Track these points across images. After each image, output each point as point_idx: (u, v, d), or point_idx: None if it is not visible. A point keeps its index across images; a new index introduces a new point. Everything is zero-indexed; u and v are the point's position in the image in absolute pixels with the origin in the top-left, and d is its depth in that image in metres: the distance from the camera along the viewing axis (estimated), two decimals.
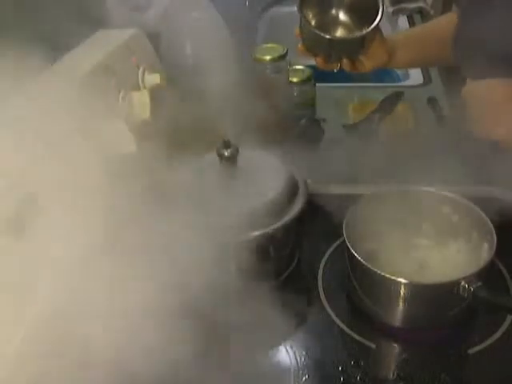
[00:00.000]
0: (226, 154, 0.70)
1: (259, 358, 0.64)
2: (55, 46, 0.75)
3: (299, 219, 0.71)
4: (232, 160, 0.71)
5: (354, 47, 0.82)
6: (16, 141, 0.54)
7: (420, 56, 0.96)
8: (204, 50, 0.89)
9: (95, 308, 0.54)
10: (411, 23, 1.57)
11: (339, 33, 0.82)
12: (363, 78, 1.30)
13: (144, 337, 0.54)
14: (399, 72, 1.42)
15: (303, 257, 0.78)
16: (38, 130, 0.57)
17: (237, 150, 0.71)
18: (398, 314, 0.65)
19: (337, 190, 0.90)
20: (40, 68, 0.68)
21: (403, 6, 1.62)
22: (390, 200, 0.72)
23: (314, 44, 0.81)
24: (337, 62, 0.85)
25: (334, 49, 0.81)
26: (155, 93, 0.78)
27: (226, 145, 0.70)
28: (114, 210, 0.64)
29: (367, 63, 0.85)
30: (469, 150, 0.87)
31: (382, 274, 0.61)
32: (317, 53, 0.83)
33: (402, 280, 0.61)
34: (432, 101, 1.18)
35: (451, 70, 1.20)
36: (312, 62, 0.94)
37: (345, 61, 0.84)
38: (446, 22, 0.97)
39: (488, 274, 0.62)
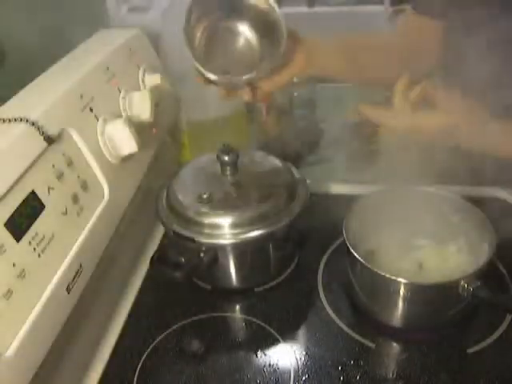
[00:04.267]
0: (227, 159, 0.70)
1: (259, 357, 0.64)
2: (56, 45, 0.75)
3: (299, 219, 0.71)
4: (232, 163, 0.71)
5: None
6: None
7: (351, 66, 0.77)
8: None
9: None
10: None
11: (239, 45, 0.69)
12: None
13: None
14: None
15: (303, 257, 0.78)
16: None
17: (237, 156, 0.71)
18: (397, 313, 0.65)
19: (337, 189, 0.90)
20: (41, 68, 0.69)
21: (403, 6, 1.62)
22: (390, 200, 0.72)
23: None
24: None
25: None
26: (155, 93, 0.77)
27: (226, 150, 0.70)
28: None
29: (282, 74, 0.69)
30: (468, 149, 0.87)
31: (382, 273, 0.61)
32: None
33: (402, 280, 0.61)
34: None
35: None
36: None
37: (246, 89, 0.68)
38: (389, 34, 0.87)
39: (488, 274, 0.62)
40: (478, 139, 0.63)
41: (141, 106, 0.73)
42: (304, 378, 0.61)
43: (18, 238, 0.52)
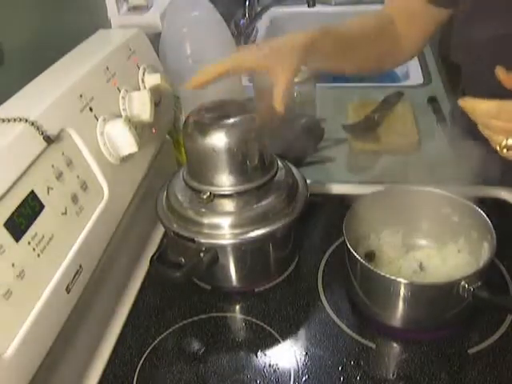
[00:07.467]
0: None
1: (259, 357, 0.64)
2: (56, 45, 0.75)
3: (299, 219, 0.71)
4: None
5: None
6: None
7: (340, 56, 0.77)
8: (204, 50, 0.88)
9: None
10: None
11: None
12: (363, 78, 1.30)
13: None
14: (399, 72, 1.42)
15: (303, 257, 0.78)
16: None
17: None
18: (397, 314, 0.65)
19: (337, 189, 0.90)
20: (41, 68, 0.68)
21: None
22: (390, 200, 0.72)
23: None
24: None
25: None
26: (155, 93, 0.77)
27: None
28: None
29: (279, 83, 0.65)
30: (468, 149, 0.87)
31: (382, 274, 0.61)
32: None
33: (402, 280, 0.61)
34: (432, 101, 1.18)
35: (451, 70, 1.21)
36: None
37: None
38: (361, 21, 0.86)
39: (488, 274, 0.62)
40: None
41: (141, 106, 0.73)
42: (304, 379, 0.61)
43: (17, 238, 0.52)
